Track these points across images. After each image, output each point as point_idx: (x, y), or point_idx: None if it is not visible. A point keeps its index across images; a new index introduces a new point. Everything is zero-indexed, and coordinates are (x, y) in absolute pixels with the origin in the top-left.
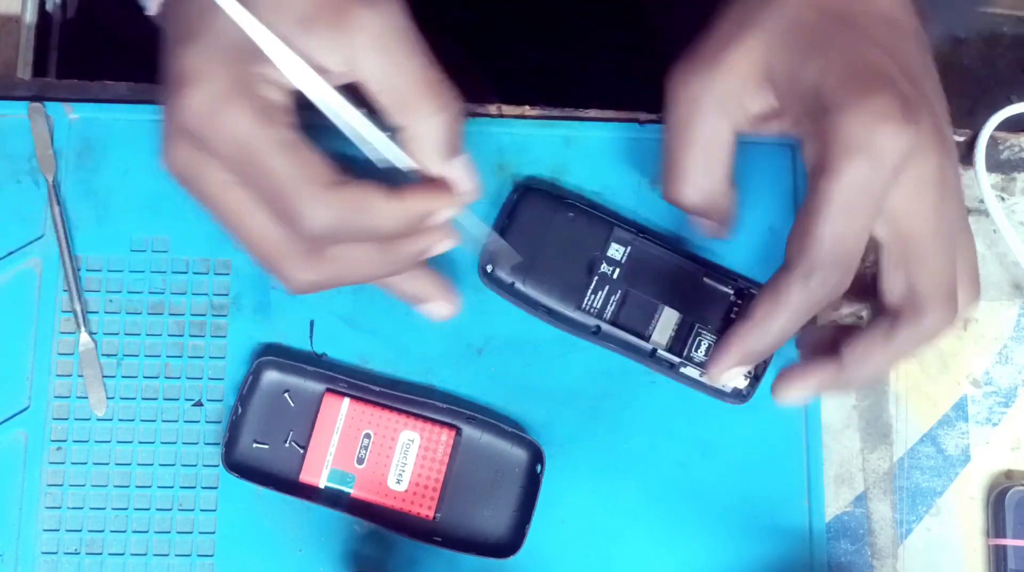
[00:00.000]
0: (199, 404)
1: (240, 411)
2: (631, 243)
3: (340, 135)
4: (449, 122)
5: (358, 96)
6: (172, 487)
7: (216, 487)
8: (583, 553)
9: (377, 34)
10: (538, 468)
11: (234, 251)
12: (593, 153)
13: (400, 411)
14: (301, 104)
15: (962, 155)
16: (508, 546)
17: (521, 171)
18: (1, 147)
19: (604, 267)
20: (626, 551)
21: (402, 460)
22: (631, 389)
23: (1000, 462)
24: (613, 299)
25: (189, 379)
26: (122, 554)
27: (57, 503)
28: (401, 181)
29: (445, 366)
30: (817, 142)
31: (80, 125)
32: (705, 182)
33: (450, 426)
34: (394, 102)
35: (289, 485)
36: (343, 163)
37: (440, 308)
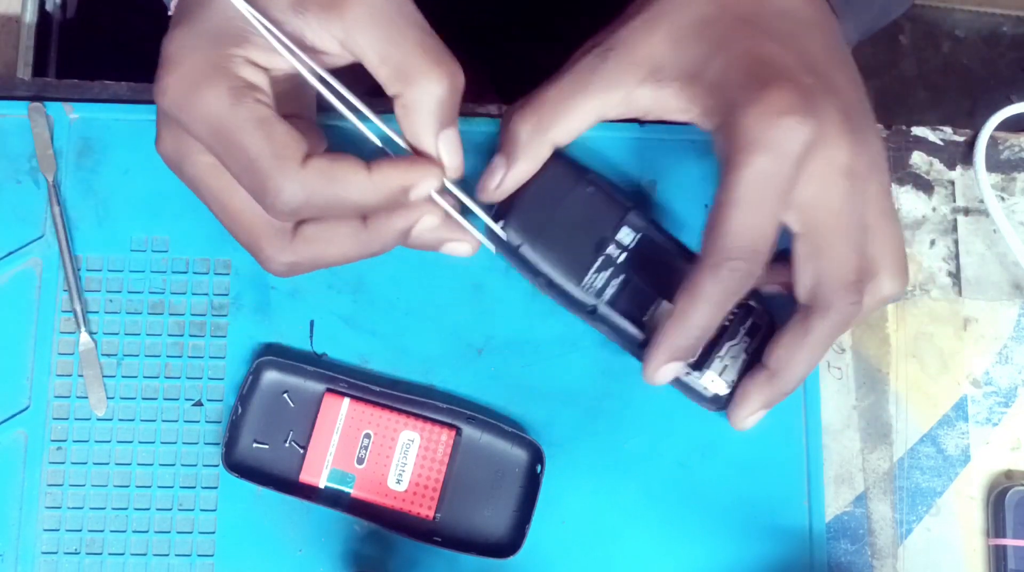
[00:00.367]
0: (199, 404)
1: (240, 411)
2: (643, 230)
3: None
4: (446, 90)
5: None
6: (172, 487)
7: (216, 487)
8: (583, 553)
9: (370, 6)
10: (538, 468)
11: (234, 251)
12: (592, 153)
13: (400, 411)
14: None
15: (962, 155)
16: (508, 546)
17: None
18: (1, 147)
19: (611, 249)
20: (626, 551)
21: (402, 460)
22: (631, 389)
23: (1000, 462)
24: (614, 283)
25: (189, 379)
26: (122, 554)
27: (57, 503)
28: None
29: (445, 366)
30: (723, 137)
31: (80, 125)
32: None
33: (450, 426)
34: (392, 71)
35: (289, 485)
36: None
37: (460, 247)
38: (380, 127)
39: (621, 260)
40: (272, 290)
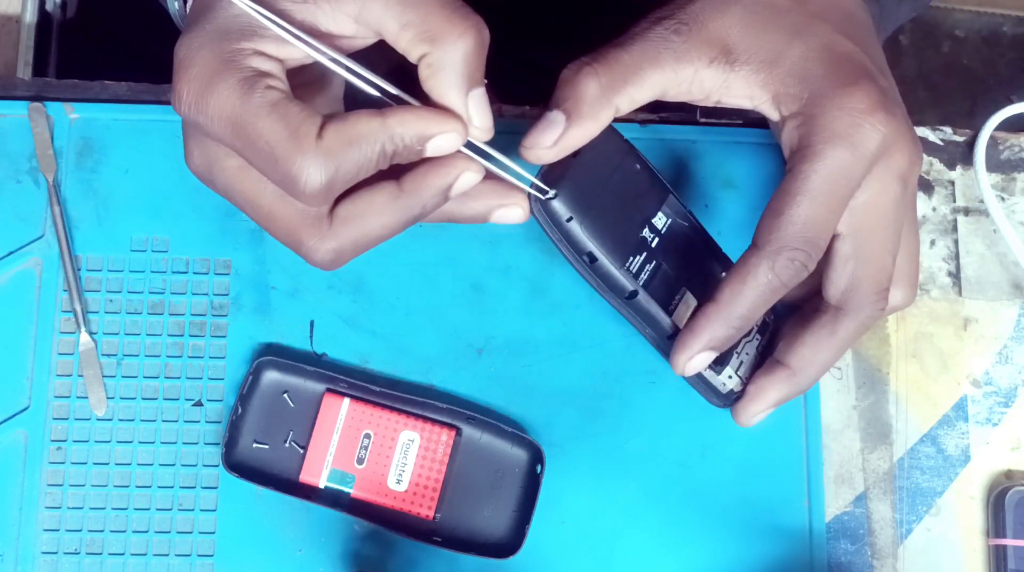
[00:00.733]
0: (199, 404)
1: (240, 411)
2: (676, 215)
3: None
4: (473, 45)
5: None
6: (172, 487)
7: (216, 487)
8: (583, 553)
9: None
10: (538, 468)
11: (234, 251)
12: None
13: (400, 411)
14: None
15: (962, 155)
16: (508, 546)
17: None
18: (1, 147)
19: (646, 232)
20: (626, 551)
21: (402, 460)
22: (631, 389)
23: (1000, 462)
24: (648, 268)
25: (189, 379)
26: (122, 554)
27: (57, 503)
28: None
29: (445, 366)
30: (800, 126)
31: (80, 125)
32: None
33: (450, 426)
34: (415, 34)
35: (289, 485)
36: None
37: (511, 213)
38: (408, 100)
39: (655, 245)
40: (272, 290)
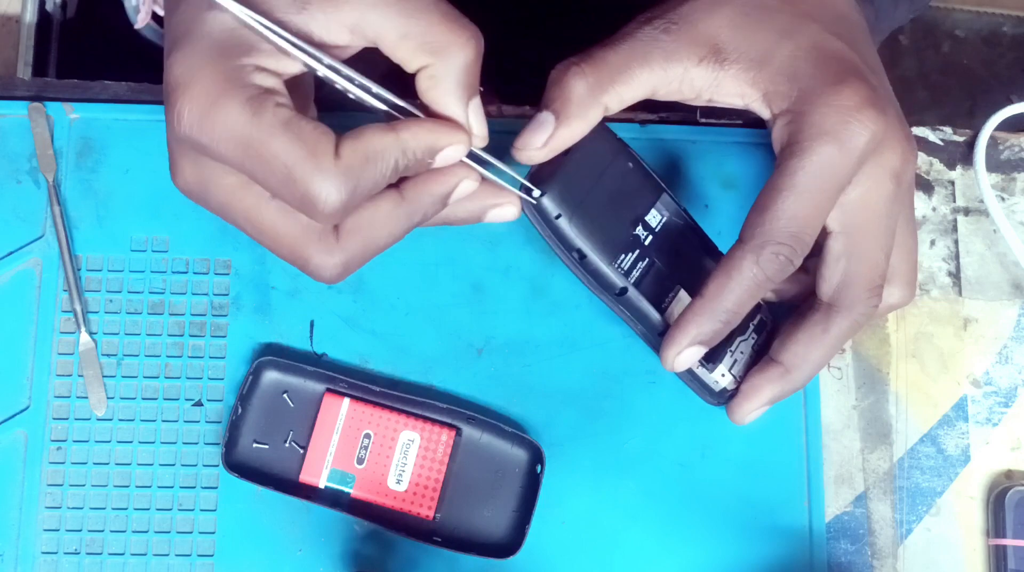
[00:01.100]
0: (199, 404)
1: (240, 411)
2: (670, 213)
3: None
4: (472, 56)
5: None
6: (172, 487)
7: (216, 487)
8: (583, 553)
9: None
10: (538, 468)
11: (234, 251)
12: None
13: (400, 411)
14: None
15: (962, 155)
16: (508, 546)
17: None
18: (1, 147)
19: (640, 229)
20: (626, 551)
21: (402, 460)
22: (631, 389)
23: (1000, 462)
24: (640, 265)
25: (189, 379)
26: (122, 554)
27: (57, 503)
28: None
29: (445, 366)
30: (790, 123)
31: (80, 125)
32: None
33: (450, 426)
34: (416, 45)
35: (289, 485)
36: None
37: (504, 211)
38: (411, 110)
39: (647, 242)
40: (272, 290)
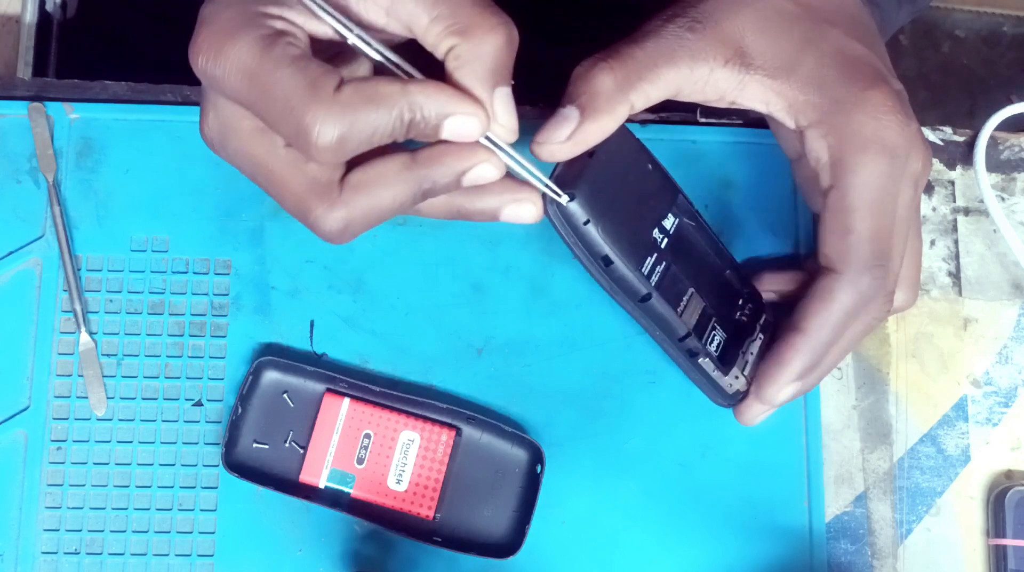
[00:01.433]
0: (199, 404)
1: (240, 411)
2: (683, 215)
3: None
4: (503, 43)
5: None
6: (172, 487)
7: (216, 487)
8: (583, 553)
9: None
10: (538, 468)
11: (234, 251)
12: None
13: (400, 411)
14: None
15: (962, 155)
16: (508, 546)
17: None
18: (1, 147)
19: (656, 232)
20: (626, 551)
21: (402, 460)
22: (631, 389)
23: (1000, 462)
24: (659, 269)
25: (189, 379)
26: (122, 554)
27: (57, 503)
28: None
29: (445, 366)
30: (827, 135)
31: (80, 125)
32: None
33: (450, 426)
34: (445, 30)
35: (289, 485)
36: None
37: (524, 210)
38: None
39: (664, 245)
40: (272, 290)
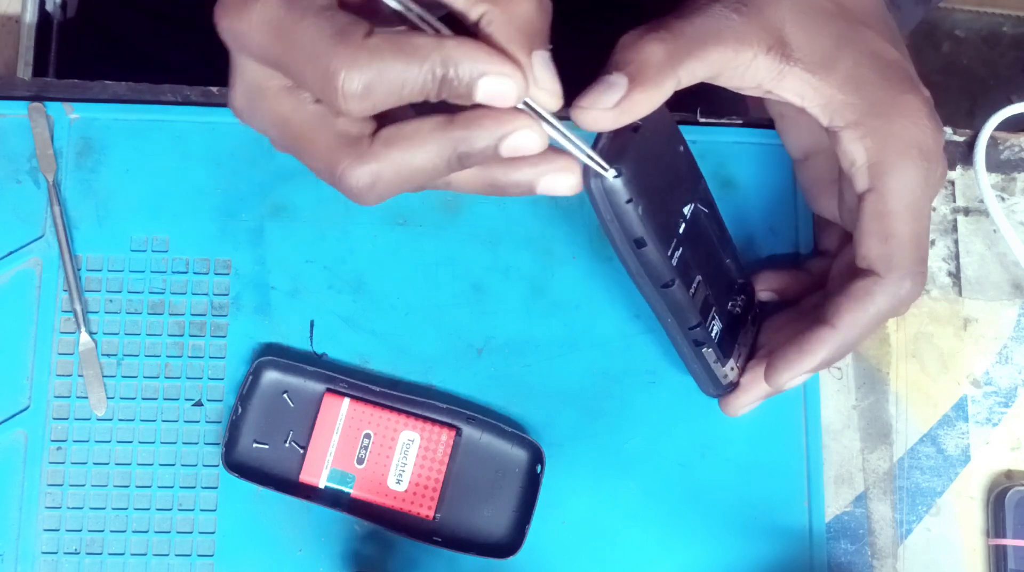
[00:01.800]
0: (199, 404)
1: (240, 411)
2: (701, 202)
3: None
4: (536, 7)
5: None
6: (172, 487)
7: (216, 487)
8: (583, 553)
9: None
10: (538, 468)
11: (234, 251)
12: None
13: (400, 411)
14: None
15: (962, 155)
16: (508, 546)
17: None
18: (1, 147)
19: (677, 217)
20: (626, 551)
21: (402, 460)
22: (631, 389)
23: (1000, 462)
24: (677, 255)
25: (189, 379)
26: (122, 554)
27: (57, 503)
28: None
29: (445, 366)
30: (865, 137)
31: (80, 125)
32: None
33: (450, 426)
34: None
35: (289, 485)
36: None
37: (561, 180)
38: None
39: (682, 231)
40: (272, 290)
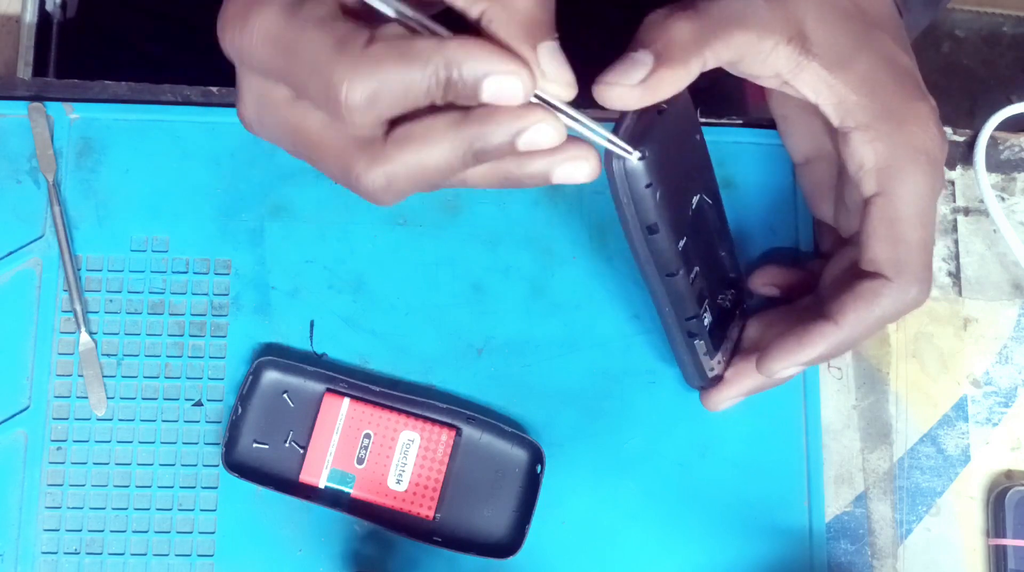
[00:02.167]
0: (199, 404)
1: (240, 411)
2: (706, 193)
3: None
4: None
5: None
6: (172, 487)
7: (216, 487)
8: (583, 553)
9: None
10: (538, 468)
11: (234, 251)
12: None
13: (400, 411)
14: None
15: (962, 155)
16: (508, 546)
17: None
18: (1, 147)
19: (687, 207)
20: (626, 551)
21: (402, 460)
22: (631, 389)
23: (1000, 462)
24: (682, 244)
25: (189, 379)
26: (122, 554)
27: (57, 503)
28: None
29: (445, 366)
30: (875, 141)
31: (80, 125)
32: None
33: (450, 426)
34: None
35: (289, 485)
36: None
37: (578, 168)
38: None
39: (688, 220)
40: (272, 290)
